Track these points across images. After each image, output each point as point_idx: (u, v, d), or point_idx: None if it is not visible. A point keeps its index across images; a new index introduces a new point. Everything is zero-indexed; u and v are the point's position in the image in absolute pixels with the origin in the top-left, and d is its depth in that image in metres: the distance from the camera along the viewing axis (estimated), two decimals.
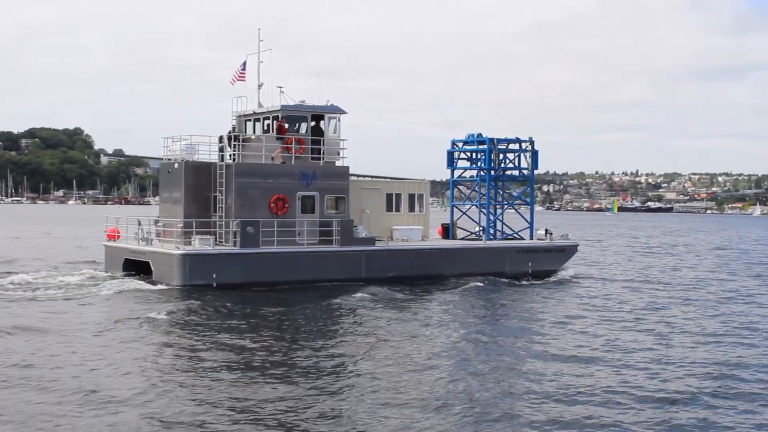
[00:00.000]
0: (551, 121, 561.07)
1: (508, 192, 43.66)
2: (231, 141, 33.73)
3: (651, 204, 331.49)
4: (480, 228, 42.07)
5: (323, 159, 35.14)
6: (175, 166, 34.15)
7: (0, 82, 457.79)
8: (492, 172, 41.28)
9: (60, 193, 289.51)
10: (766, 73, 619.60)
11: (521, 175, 42.85)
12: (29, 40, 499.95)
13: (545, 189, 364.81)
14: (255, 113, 36.13)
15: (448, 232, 41.91)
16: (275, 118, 35.18)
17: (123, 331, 21.81)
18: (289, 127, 34.97)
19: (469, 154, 42.74)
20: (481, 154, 41.69)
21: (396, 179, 43.78)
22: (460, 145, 42.74)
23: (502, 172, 41.99)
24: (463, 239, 41.66)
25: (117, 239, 36.30)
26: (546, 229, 41.77)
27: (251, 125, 36.68)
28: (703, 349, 21.46)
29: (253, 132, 36.27)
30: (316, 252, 33.52)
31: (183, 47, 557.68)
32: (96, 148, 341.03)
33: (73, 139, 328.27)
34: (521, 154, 42.24)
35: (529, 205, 42.98)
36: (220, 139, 34.90)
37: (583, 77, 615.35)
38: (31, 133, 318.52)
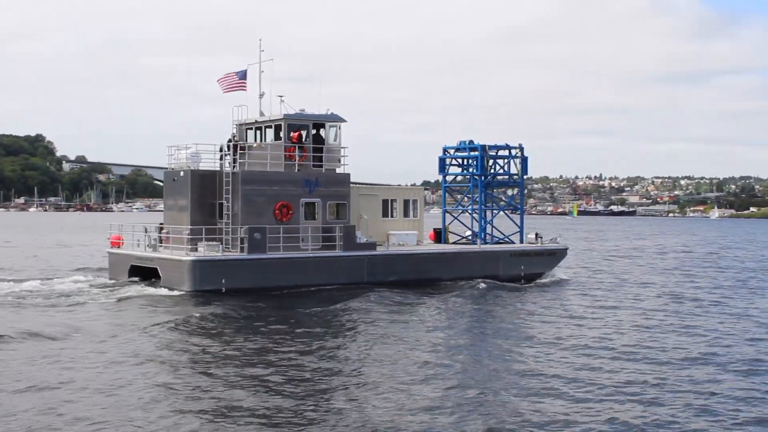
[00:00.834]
0: (517, 125, 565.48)
1: (498, 197, 44.78)
2: (237, 149, 34.40)
3: (614, 208, 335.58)
4: (471, 232, 43.16)
5: (325, 166, 36.02)
6: (181, 174, 34.77)
7: None
8: (483, 178, 42.41)
9: (21, 200, 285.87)
10: (728, 78, 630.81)
11: (511, 180, 44.02)
12: None
13: (509, 193, 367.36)
14: (257, 122, 36.88)
15: (439, 236, 42.96)
16: (278, 127, 35.97)
17: (148, 336, 22.49)
18: (290, 135, 35.78)
19: (460, 160, 43.84)
20: (473, 160, 42.80)
21: (391, 186, 44.80)
22: (452, 151, 43.82)
23: (493, 178, 43.12)
24: (454, 243, 42.76)
25: (120, 246, 36.80)
26: (536, 233, 43.01)
27: (252, 133, 37.41)
28: (688, 340, 22.76)
29: (255, 140, 37.00)
30: (320, 257, 34.37)
31: (151, 52, 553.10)
32: (58, 154, 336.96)
33: (35, 146, 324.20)
34: (511, 160, 43.43)
35: (519, 209, 44.19)
36: (221, 147, 35.69)
37: (548, 82, 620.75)
38: None
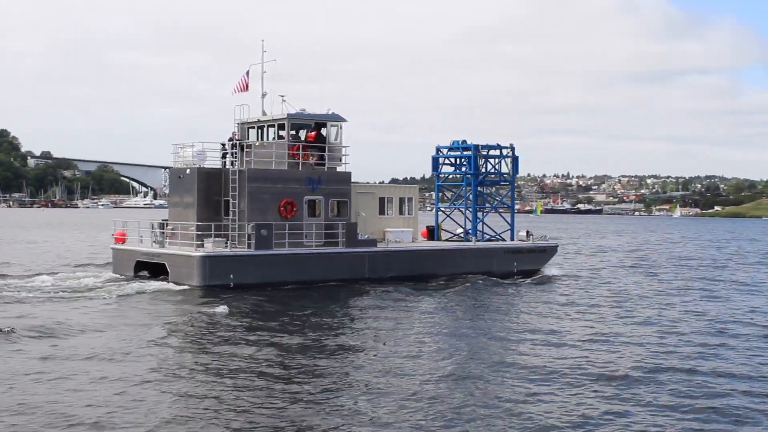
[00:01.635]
0: (485, 124, 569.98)
1: (489, 195, 45.93)
2: (244, 148, 35.15)
3: (581, 206, 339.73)
4: (463, 230, 44.26)
5: (327, 165, 36.91)
6: (187, 171, 35.45)
7: None
8: (476, 177, 43.51)
9: None
10: (695, 78, 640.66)
11: (502, 179, 45.18)
12: None
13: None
14: (259, 121, 37.64)
15: (432, 234, 44.04)
16: (281, 126, 36.76)
17: (166, 330, 23.11)
18: (297, 134, 36.63)
19: (453, 159, 44.93)
20: (465, 160, 43.90)
21: (387, 184, 45.76)
22: (445, 151, 44.91)
23: (485, 177, 44.23)
24: (447, 240, 43.85)
25: (125, 242, 37.39)
26: (527, 231, 44.26)
27: (255, 132, 38.16)
28: (682, 330, 24.10)
29: (257, 139, 37.75)
30: (323, 253, 35.26)
31: (118, 49, 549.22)
32: (23, 150, 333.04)
33: None
34: (502, 160, 44.60)
35: (510, 208, 45.40)
36: (223, 146, 36.47)
37: (517, 81, 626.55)
38: None
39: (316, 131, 36.52)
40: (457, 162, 44.96)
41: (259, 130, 38.01)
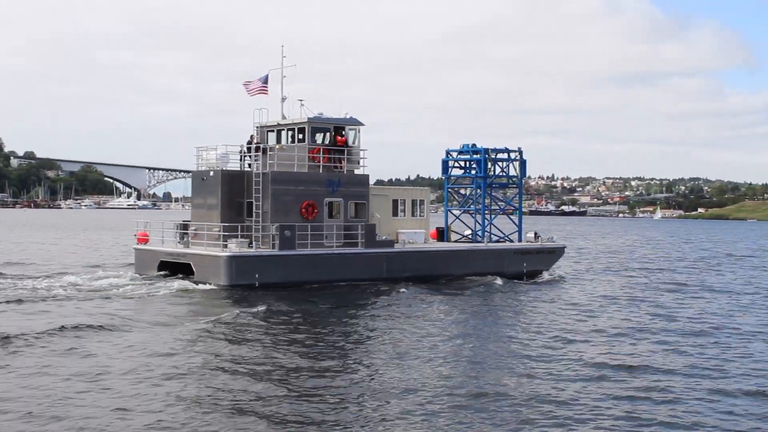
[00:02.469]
0: (470, 125, 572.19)
1: (498, 198, 47.07)
2: (266, 151, 36.07)
3: (565, 208, 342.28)
4: (470, 231, 45.37)
5: (346, 168, 37.92)
6: (211, 174, 36.33)
7: None
8: (486, 180, 44.64)
9: None
10: (679, 80, 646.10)
11: (511, 182, 46.36)
12: None
13: (462, 192, 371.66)
14: (279, 124, 38.58)
15: (442, 235, 45.15)
16: (300, 130, 37.71)
17: (201, 327, 24.01)
18: (313, 137, 37.61)
19: (462, 162, 46.05)
20: (475, 163, 45.02)
21: (400, 187, 46.81)
22: (455, 154, 46.02)
23: (494, 180, 45.36)
24: (456, 242, 44.96)
25: (147, 242, 38.24)
26: (535, 233, 45.46)
27: (274, 135, 39.08)
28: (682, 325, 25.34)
29: (276, 142, 38.66)
30: (344, 254, 36.25)
31: (103, 47, 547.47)
32: (6, 150, 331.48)
33: None
34: (510, 163, 45.76)
35: (518, 210, 46.58)
36: (241, 149, 37.47)
37: (501, 82, 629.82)
38: None
39: (345, 136, 37.52)
40: (467, 165, 46.06)
41: (280, 133, 38.92)
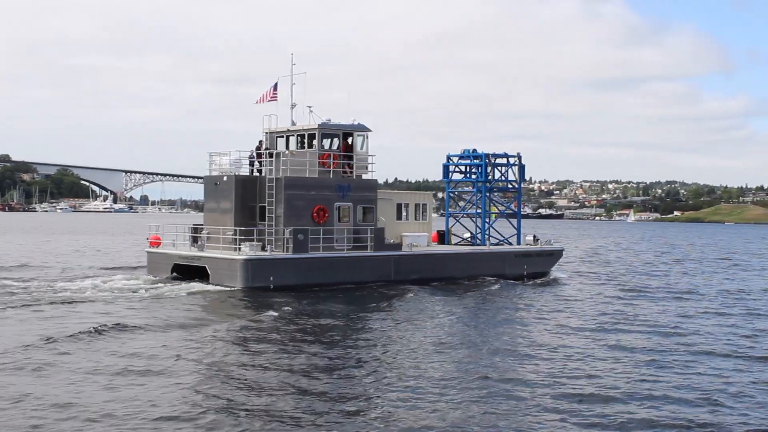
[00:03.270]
0: (448, 129, 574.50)
1: (497, 202, 48.25)
2: (280, 156, 36.97)
3: (542, 211, 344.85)
4: (470, 234, 46.50)
5: (355, 173, 38.90)
6: (224, 179, 37.16)
7: None
8: (486, 184, 45.80)
9: None
10: (656, 84, 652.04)
11: (510, 186, 47.58)
12: None
13: (440, 196, 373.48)
14: (289, 130, 39.48)
15: (442, 238, 46.23)
16: (311, 136, 38.64)
17: (226, 328, 24.98)
18: (323, 143, 38.55)
19: (463, 167, 47.18)
20: (476, 168, 46.16)
21: (404, 191, 47.92)
22: (456, 159, 47.14)
23: (493, 184, 46.53)
24: (456, 245, 46.07)
25: (159, 246, 38.98)
26: (534, 235, 46.68)
27: (283, 141, 39.96)
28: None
29: (286, 147, 39.54)
30: (354, 257, 37.22)
31: (80, 51, 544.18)
32: None
33: None
34: (510, 168, 46.96)
35: (517, 213, 47.78)
36: (251, 154, 38.39)
37: (478, 87, 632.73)
38: None
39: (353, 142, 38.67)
40: (467, 170, 47.19)
41: (289, 138, 39.80)
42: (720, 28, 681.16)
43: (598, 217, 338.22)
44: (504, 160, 47.09)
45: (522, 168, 47.02)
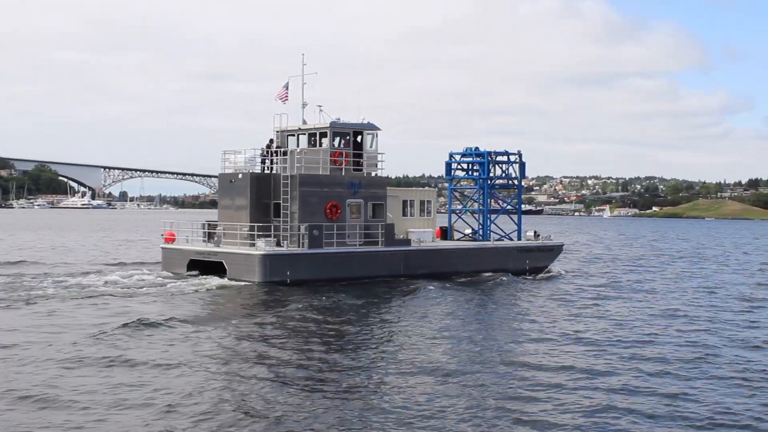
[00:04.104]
0: (427, 125, 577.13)
1: (498, 198, 49.51)
2: (295, 154, 37.96)
3: (522, 206, 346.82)
4: (471, 230, 47.73)
5: (365, 170, 39.98)
6: (239, 176, 38.10)
7: None
8: (488, 182, 47.03)
9: None
10: (635, 81, 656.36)
11: (511, 183, 48.85)
12: None
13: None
14: (300, 129, 40.47)
15: (445, 234, 47.43)
16: (322, 134, 39.67)
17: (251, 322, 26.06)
18: (333, 141, 39.59)
19: (465, 165, 48.38)
20: (478, 165, 47.38)
21: (409, 188, 49.13)
22: (458, 157, 48.32)
23: (495, 181, 47.77)
24: (458, 240, 47.27)
25: (174, 241, 39.86)
26: (535, 231, 47.98)
27: (294, 140, 40.94)
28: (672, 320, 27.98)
29: (297, 145, 40.52)
30: (367, 252, 38.32)
31: (59, 47, 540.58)
32: None
33: None
34: (511, 165, 48.21)
35: (517, 210, 49.08)
36: (262, 152, 39.41)
37: (458, 83, 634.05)
38: None
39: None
40: (469, 167, 48.39)
41: (300, 137, 40.77)
42: (699, 24, 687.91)
43: (577, 213, 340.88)
44: (505, 158, 48.33)
45: (522, 165, 48.25)
